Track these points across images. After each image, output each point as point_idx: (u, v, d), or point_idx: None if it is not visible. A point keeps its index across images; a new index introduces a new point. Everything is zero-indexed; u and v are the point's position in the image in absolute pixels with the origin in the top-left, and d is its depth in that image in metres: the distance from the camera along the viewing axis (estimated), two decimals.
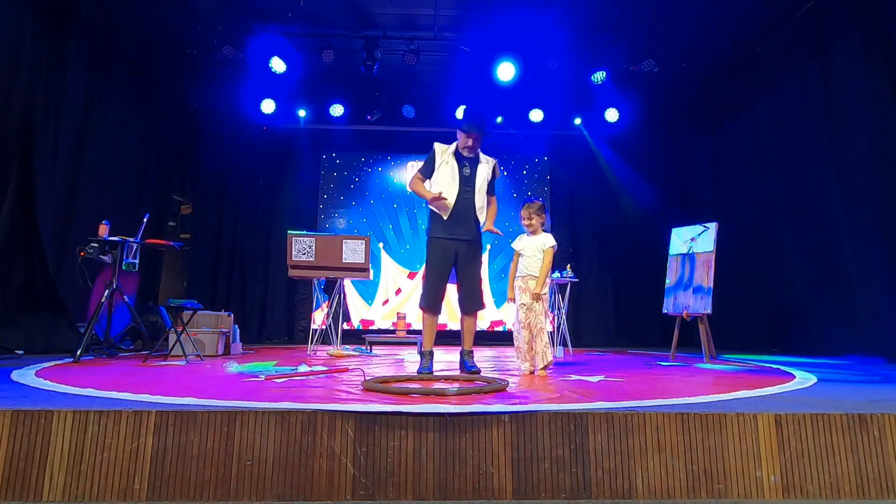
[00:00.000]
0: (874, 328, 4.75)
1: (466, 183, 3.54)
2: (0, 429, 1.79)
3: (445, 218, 3.50)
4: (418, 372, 3.39)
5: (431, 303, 3.55)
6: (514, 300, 3.63)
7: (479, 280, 3.64)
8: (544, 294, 3.54)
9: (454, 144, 3.63)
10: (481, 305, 3.64)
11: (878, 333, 4.69)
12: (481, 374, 3.30)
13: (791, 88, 5.88)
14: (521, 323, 3.53)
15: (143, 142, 6.76)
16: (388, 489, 1.79)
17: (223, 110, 7.81)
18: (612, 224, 8.32)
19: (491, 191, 3.70)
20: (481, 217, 3.59)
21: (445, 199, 3.47)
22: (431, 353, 3.54)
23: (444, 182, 3.53)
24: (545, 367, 3.45)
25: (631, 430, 1.87)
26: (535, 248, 3.56)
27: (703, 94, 7.56)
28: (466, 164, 3.57)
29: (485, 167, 3.64)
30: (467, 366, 3.52)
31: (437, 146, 3.64)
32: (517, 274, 3.63)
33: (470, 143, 3.56)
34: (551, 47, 6.44)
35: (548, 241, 3.56)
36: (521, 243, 3.66)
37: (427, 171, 3.65)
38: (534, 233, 3.62)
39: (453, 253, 3.52)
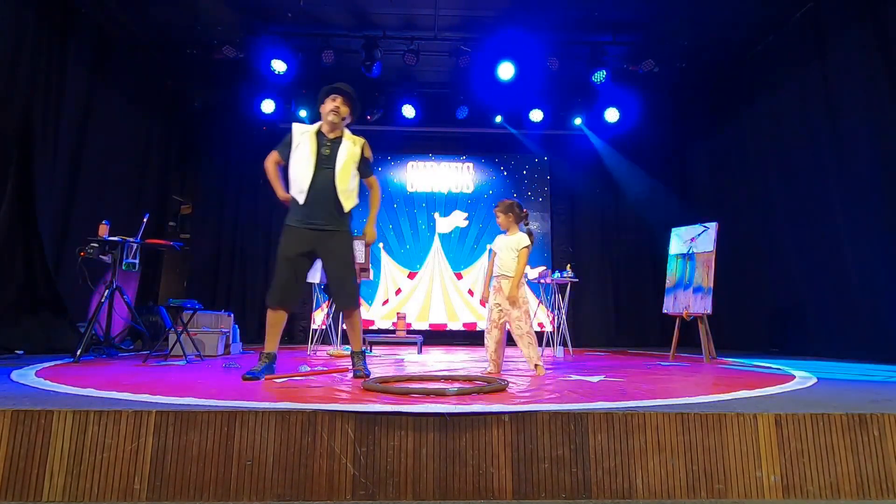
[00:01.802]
0: (874, 328, 4.75)
1: (325, 163, 3.15)
2: (0, 429, 1.79)
3: (301, 202, 3.10)
4: (244, 376, 2.91)
5: (279, 299, 3.08)
6: (485, 302, 3.65)
7: (352, 275, 3.22)
8: (523, 298, 3.49)
9: (317, 125, 3.25)
10: (355, 303, 3.24)
11: (879, 333, 4.69)
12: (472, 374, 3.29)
13: (791, 88, 5.88)
14: (494, 323, 3.52)
15: (143, 142, 6.76)
16: (388, 489, 1.79)
17: (223, 110, 7.81)
18: (612, 224, 8.32)
19: (366, 173, 3.39)
20: (346, 203, 3.20)
21: (286, 199, 3.20)
22: (271, 357, 3.09)
23: (299, 164, 3.14)
24: (536, 367, 3.44)
25: (631, 430, 1.87)
26: (509, 247, 3.56)
27: (704, 93, 7.56)
28: (327, 144, 3.19)
29: (350, 146, 3.24)
30: (356, 372, 3.18)
31: (296, 125, 3.28)
32: (493, 273, 3.63)
33: (334, 105, 3.18)
34: (551, 47, 6.45)
35: (522, 240, 3.55)
36: (497, 243, 3.67)
37: (284, 152, 3.24)
38: (508, 231, 3.61)
39: (309, 244, 3.10)
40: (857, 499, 1.82)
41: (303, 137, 3.19)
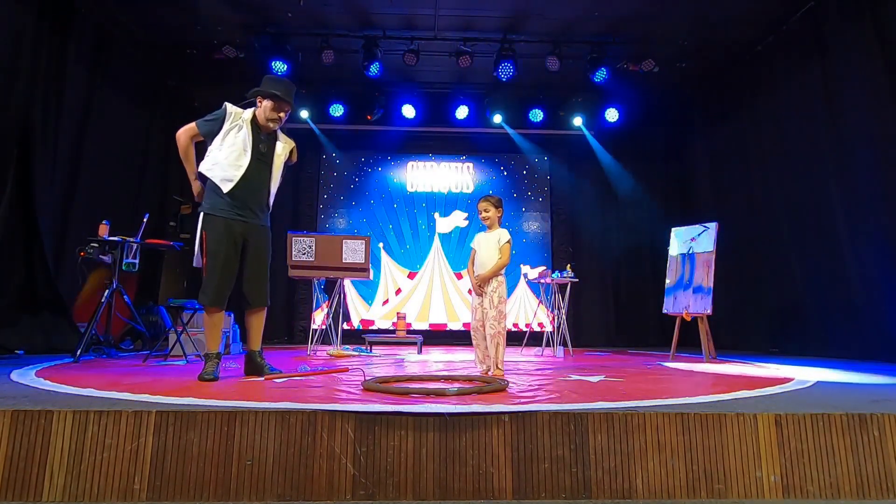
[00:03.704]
0: (874, 328, 4.75)
1: (261, 160, 3.02)
2: (0, 429, 1.79)
3: (226, 191, 2.92)
4: (200, 377, 2.82)
5: (221, 298, 2.94)
6: (474, 293, 3.58)
7: (268, 272, 3.16)
8: (498, 294, 3.42)
9: (251, 112, 3.06)
10: (268, 301, 3.18)
11: (879, 333, 4.69)
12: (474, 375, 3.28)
13: (791, 88, 5.88)
14: (480, 322, 3.47)
15: (143, 142, 6.76)
16: (388, 489, 1.79)
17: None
18: (612, 224, 8.32)
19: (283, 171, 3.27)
20: (271, 201, 3.15)
21: (198, 188, 3.01)
22: (220, 356, 3.02)
23: (233, 152, 2.94)
24: (498, 371, 3.35)
25: (631, 430, 1.87)
26: (490, 244, 3.50)
27: (704, 93, 7.56)
28: (263, 140, 3.04)
29: (283, 147, 3.16)
30: (272, 368, 3.16)
31: (230, 106, 3.05)
32: (475, 273, 3.56)
33: (278, 115, 3.05)
34: (551, 47, 6.45)
35: (503, 236, 3.50)
36: (478, 240, 3.61)
37: (209, 130, 3.01)
38: (490, 227, 3.59)
39: (241, 237, 2.97)
40: (857, 499, 1.82)
41: (238, 123, 2.99)
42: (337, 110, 7.61)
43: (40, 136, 4.96)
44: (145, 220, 4.69)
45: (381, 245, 8.22)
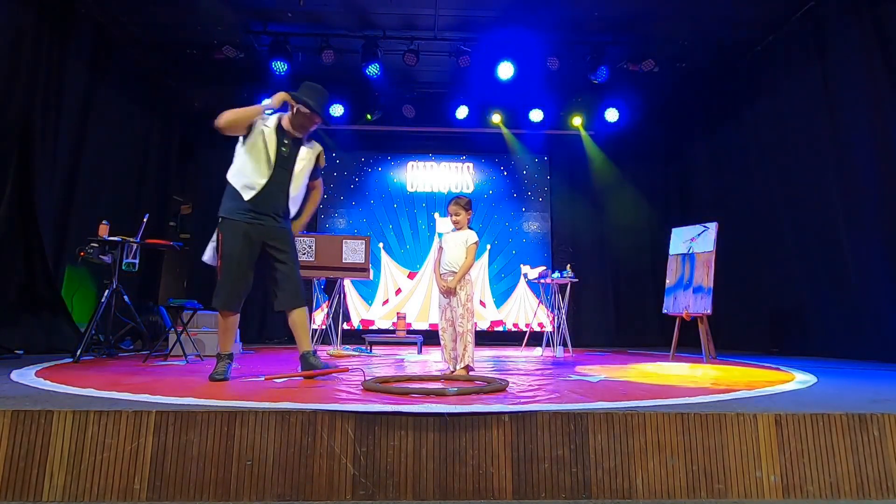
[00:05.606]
0: (874, 328, 4.75)
1: (282, 164, 2.98)
2: (0, 429, 1.79)
3: (247, 198, 2.90)
4: (211, 378, 2.86)
5: (233, 301, 2.94)
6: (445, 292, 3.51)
7: (299, 270, 3.12)
8: (465, 292, 3.41)
9: (277, 117, 3.02)
10: (304, 301, 3.12)
11: (879, 334, 4.69)
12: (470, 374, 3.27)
13: (791, 88, 5.88)
14: (449, 321, 3.46)
15: (143, 142, 6.76)
16: (388, 489, 1.79)
17: (223, 110, 7.79)
18: (612, 224, 8.32)
19: (314, 176, 3.24)
20: (293, 207, 3.10)
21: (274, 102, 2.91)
22: (231, 357, 3.04)
23: (256, 158, 2.92)
24: (465, 368, 3.33)
25: (631, 430, 1.87)
26: (456, 242, 3.50)
27: (704, 93, 7.56)
28: (286, 143, 3.00)
29: (308, 152, 3.11)
30: (325, 366, 3.14)
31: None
32: (441, 271, 3.54)
33: (306, 123, 3.00)
34: (551, 47, 6.45)
35: (471, 236, 3.51)
36: (445, 240, 3.60)
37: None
38: (459, 229, 3.59)
39: (257, 241, 2.93)
40: (857, 499, 1.82)
41: (262, 126, 2.96)
42: (337, 110, 7.61)
43: (40, 136, 4.95)
44: (145, 220, 4.69)
45: (381, 245, 8.22)
